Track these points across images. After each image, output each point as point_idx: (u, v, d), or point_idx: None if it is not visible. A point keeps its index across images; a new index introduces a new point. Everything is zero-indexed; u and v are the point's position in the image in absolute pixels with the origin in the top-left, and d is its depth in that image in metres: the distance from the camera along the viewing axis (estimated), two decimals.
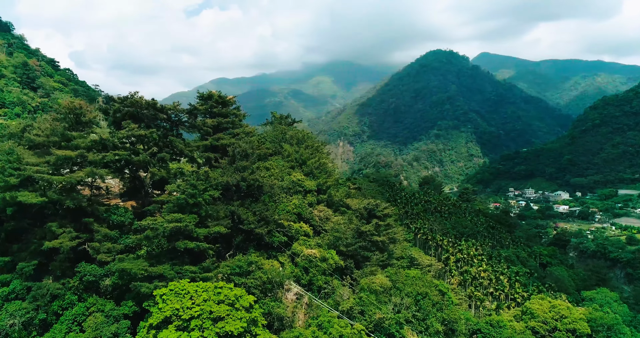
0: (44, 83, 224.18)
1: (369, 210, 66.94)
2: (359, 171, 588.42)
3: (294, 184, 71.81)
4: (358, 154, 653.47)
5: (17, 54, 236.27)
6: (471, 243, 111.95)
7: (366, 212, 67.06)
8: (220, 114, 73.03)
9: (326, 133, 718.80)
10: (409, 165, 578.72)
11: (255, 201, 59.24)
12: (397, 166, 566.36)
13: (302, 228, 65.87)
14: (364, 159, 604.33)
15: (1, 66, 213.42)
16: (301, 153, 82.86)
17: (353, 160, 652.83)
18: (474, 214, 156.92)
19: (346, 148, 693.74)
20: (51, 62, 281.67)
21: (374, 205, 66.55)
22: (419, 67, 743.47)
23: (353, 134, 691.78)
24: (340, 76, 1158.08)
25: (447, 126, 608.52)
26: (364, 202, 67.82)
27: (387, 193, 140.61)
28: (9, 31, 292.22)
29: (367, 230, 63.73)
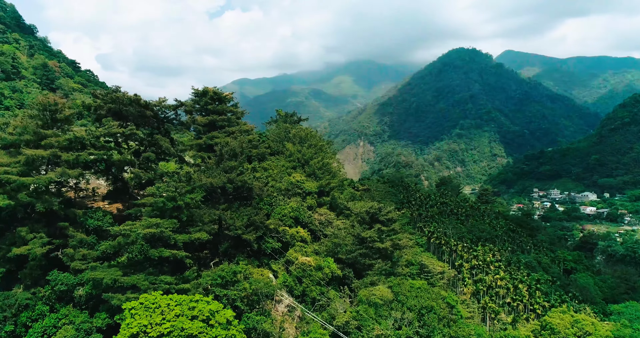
0: (63, 84, 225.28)
1: (371, 214, 61.50)
2: (379, 170, 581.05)
3: (292, 186, 66.89)
4: (378, 154, 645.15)
5: (37, 55, 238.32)
6: (488, 248, 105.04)
7: (368, 216, 61.62)
8: (215, 111, 68.84)
9: (346, 133, 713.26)
10: (430, 165, 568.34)
11: (246, 205, 54.58)
12: (418, 166, 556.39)
13: (299, 234, 60.93)
14: (384, 159, 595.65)
15: (22, 67, 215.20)
16: (304, 153, 77.89)
17: (373, 160, 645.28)
18: (493, 216, 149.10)
19: (367, 148, 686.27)
20: (72, 64, 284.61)
21: (377, 209, 61.06)
22: (440, 65, 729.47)
23: (373, 134, 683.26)
24: (361, 76, 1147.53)
25: (469, 125, 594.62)
26: (367, 205, 62.38)
27: (401, 194, 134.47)
28: (32, 34, 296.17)
29: (368, 236, 58.31)
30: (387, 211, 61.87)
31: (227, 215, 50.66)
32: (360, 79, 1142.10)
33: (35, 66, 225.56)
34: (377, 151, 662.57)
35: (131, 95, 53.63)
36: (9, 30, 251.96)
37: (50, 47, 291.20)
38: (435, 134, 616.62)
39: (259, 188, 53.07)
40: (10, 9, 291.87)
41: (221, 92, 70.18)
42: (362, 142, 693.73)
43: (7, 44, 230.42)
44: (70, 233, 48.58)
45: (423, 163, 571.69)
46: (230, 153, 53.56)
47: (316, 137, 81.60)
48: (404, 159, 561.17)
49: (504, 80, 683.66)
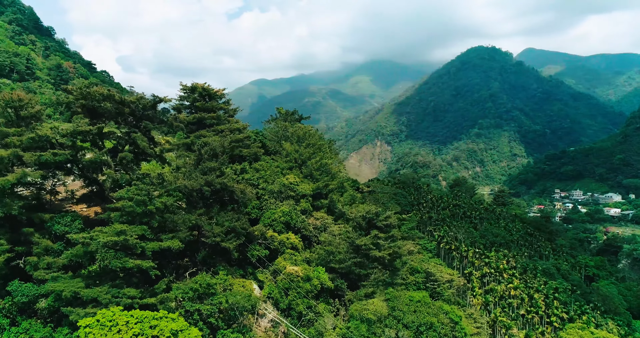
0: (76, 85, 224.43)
1: (368, 220, 56.09)
2: (396, 171, 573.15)
3: (285, 188, 61.92)
4: (396, 154, 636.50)
5: (52, 56, 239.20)
6: (502, 254, 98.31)
7: (364, 222, 56.23)
8: (204, 108, 64.39)
9: (363, 133, 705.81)
10: (448, 165, 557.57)
11: (228, 210, 49.85)
12: (436, 166, 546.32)
13: (289, 240, 55.95)
14: (401, 159, 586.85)
15: (36, 68, 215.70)
16: (301, 152, 72.87)
17: (390, 160, 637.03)
18: (509, 220, 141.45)
19: (384, 148, 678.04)
20: (88, 65, 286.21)
21: (373, 214, 55.60)
22: (459, 64, 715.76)
23: (391, 134, 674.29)
24: (379, 75, 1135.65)
25: (488, 124, 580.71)
26: (364, 210, 56.98)
27: (412, 195, 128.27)
28: (50, 35, 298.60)
29: (363, 244, 52.92)
30: (385, 216, 56.36)
31: (205, 221, 45.99)
32: (378, 78, 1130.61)
33: (49, 67, 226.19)
34: (394, 151, 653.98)
35: (105, 90, 49.34)
36: (27, 32, 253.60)
37: (67, 49, 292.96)
38: (453, 134, 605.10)
39: (240, 191, 48.22)
40: (29, 11, 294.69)
41: (211, 89, 65.76)
42: (379, 142, 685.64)
43: (23, 45, 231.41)
44: (35, 239, 44.56)
45: (441, 163, 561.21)
46: (210, 153, 48.91)
47: (315, 136, 76.46)
48: (421, 159, 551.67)
49: (524, 78, 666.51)
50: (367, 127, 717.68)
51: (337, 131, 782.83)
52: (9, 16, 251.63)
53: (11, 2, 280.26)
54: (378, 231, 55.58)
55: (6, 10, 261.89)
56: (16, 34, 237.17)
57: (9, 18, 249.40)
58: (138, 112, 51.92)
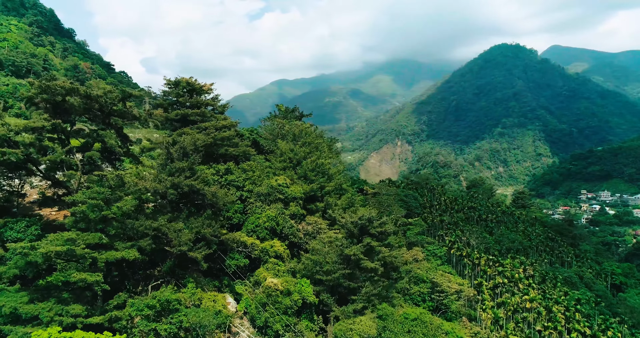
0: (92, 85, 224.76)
1: (360, 226, 50.05)
2: (416, 171, 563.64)
3: (273, 190, 56.44)
4: (416, 153, 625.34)
5: (70, 57, 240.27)
6: (519, 261, 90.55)
7: (356, 229, 50.21)
8: (187, 104, 59.46)
9: (384, 132, 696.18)
10: (470, 165, 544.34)
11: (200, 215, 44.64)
12: (457, 166, 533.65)
13: (273, 248, 50.41)
14: (422, 159, 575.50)
15: (54, 69, 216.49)
16: (296, 152, 67.30)
17: (411, 160, 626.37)
18: (528, 223, 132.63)
19: (404, 148, 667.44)
20: (107, 66, 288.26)
21: (366, 220, 49.52)
22: (482, 62, 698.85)
23: (411, 134, 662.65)
24: (400, 75, 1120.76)
25: (512, 123, 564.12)
26: (357, 215, 50.97)
27: (425, 197, 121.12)
28: (70, 37, 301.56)
29: (352, 254, 46.93)
30: (379, 222, 50.21)
31: (170, 228, 40.80)
32: (399, 78, 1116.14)
33: (66, 67, 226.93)
34: (415, 150, 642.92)
35: (67, 83, 44.74)
36: (47, 33, 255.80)
37: (87, 50, 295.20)
38: (475, 134, 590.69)
39: (211, 194, 42.88)
40: (50, 13, 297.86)
41: (196, 83, 60.84)
42: (400, 141, 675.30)
43: (42, 46, 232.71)
44: None
45: (462, 163, 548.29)
46: (180, 152, 43.78)
47: (312, 134, 70.74)
48: (442, 159, 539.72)
49: (549, 76, 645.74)
50: (388, 126, 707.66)
51: (357, 131, 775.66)
52: (30, 18, 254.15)
53: (32, 5, 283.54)
54: (372, 239, 49.53)
55: (27, 13, 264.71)
56: (35, 35, 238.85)
57: (30, 20, 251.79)
58: (106, 107, 47.18)
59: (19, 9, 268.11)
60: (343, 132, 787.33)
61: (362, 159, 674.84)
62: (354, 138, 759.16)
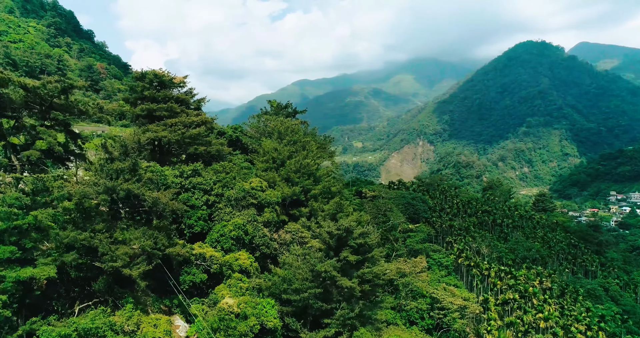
0: (106, 85, 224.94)
1: (338, 237, 42.79)
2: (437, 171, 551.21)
3: (245, 194, 49.68)
4: (438, 153, 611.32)
5: (85, 58, 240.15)
6: (535, 271, 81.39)
7: (333, 240, 42.96)
8: (154, 98, 53.24)
9: (405, 132, 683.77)
10: (493, 165, 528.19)
11: (145, 223, 38.24)
12: (480, 166, 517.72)
13: (238, 261, 43.60)
14: (443, 159, 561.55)
15: (68, 69, 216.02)
16: (280, 151, 60.48)
17: (433, 160, 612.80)
18: (548, 228, 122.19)
19: (426, 147, 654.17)
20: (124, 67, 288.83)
21: (344, 230, 42.22)
22: (506, 60, 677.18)
23: (433, 133, 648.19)
24: (422, 74, 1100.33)
25: (537, 122, 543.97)
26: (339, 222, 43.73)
27: (435, 199, 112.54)
28: (89, 38, 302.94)
29: (323, 271, 39.69)
30: (360, 232, 42.81)
31: (103, 240, 34.47)
32: (421, 77, 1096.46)
33: (81, 68, 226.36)
34: (437, 150, 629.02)
35: None
36: (65, 34, 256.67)
37: (105, 51, 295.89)
38: (499, 133, 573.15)
39: (152, 200, 36.36)
40: (69, 15, 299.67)
41: (165, 75, 54.58)
42: (422, 141, 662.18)
43: (58, 47, 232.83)
44: None
45: (486, 163, 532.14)
46: (121, 151, 37.45)
47: (299, 132, 63.69)
48: (464, 159, 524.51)
49: (577, 74, 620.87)
50: (409, 126, 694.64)
51: (378, 131, 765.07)
52: (48, 20, 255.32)
53: (52, 7, 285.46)
54: (350, 252, 42.25)
55: (45, 15, 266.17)
56: (52, 36, 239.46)
57: (48, 22, 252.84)
58: (46, 100, 41.25)
59: (39, 11, 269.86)
60: (364, 132, 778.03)
61: (383, 159, 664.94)
62: (375, 137, 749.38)
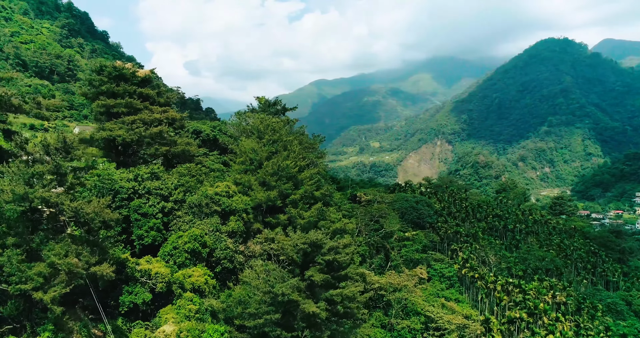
0: None
1: (304, 252, 36.42)
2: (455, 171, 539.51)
3: (208, 200, 43.72)
4: (457, 153, 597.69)
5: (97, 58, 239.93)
6: (547, 284, 73.28)
7: (298, 255, 36.60)
8: (114, 93, 47.75)
9: (423, 132, 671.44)
10: (513, 165, 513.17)
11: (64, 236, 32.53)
12: (499, 166, 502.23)
13: (190, 279, 37.65)
14: (461, 159, 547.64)
15: (79, 70, 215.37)
16: (258, 152, 54.37)
17: (451, 160, 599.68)
18: (566, 234, 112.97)
19: (444, 147, 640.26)
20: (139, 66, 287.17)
21: (310, 244, 35.81)
22: (527, 58, 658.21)
23: (452, 133, 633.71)
24: (441, 73, 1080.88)
25: (559, 121, 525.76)
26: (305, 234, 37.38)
27: (443, 203, 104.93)
28: (103, 39, 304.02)
29: (281, 294, 33.34)
30: (329, 246, 36.35)
31: (12, 257, 28.87)
32: (440, 76, 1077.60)
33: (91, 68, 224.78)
34: (455, 150, 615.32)
35: None
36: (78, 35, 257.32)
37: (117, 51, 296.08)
38: (519, 132, 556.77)
39: (72, 210, 30.57)
40: (84, 16, 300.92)
41: (125, 68, 49.07)
42: (440, 141, 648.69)
43: (70, 48, 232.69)
44: None
45: (505, 163, 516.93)
46: (43, 152, 31.85)
47: (281, 130, 57.39)
48: (483, 159, 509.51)
49: (601, 71, 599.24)
50: (427, 126, 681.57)
51: (396, 130, 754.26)
52: (62, 21, 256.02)
53: (67, 8, 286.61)
54: (319, 270, 35.83)
55: (60, 16, 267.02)
56: (64, 37, 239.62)
57: (62, 23, 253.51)
58: None
59: (53, 13, 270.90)
60: (381, 131, 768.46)
61: (400, 159, 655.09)
62: (393, 137, 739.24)
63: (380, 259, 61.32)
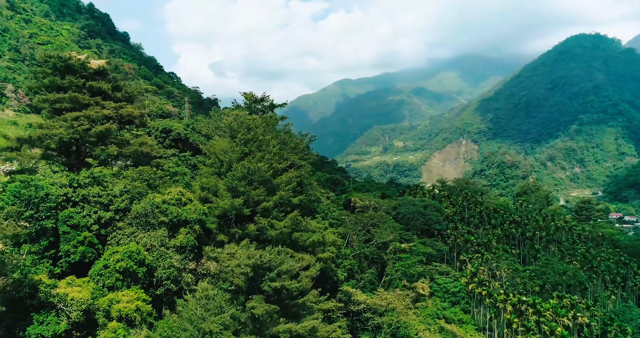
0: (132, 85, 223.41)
1: (247, 277, 29.41)
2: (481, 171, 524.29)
3: (154, 209, 37.24)
4: (482, 153, 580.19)
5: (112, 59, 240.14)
6: (569, 301, 63.68)
7: (242, 280, 29.63)
8: (60, 87, 41.89)
9: (448, 131, 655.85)
10: (541, 165, 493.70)
11: None
12: (526, 166, 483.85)
13: (118, 305, 31.20)
14: (487, 159, 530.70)
15: None
16: (228, 153, 47.69)
17: (477, 160, 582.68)
18: (592, 243, 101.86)
19: (469, 147, 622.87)
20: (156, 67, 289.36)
21: (254, 266, 28.77)
22: (556, 54, 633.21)
23: (477, 132, 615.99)
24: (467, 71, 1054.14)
25: (590, 120, 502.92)
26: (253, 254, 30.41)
27: (456, 207, 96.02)
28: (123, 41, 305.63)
29: (209, 331, 26.37)
30: (280, 270, 29.25)
31: None
32: (465, 74, 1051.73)
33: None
34: (481, 150, 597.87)
35: None
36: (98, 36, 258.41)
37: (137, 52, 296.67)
38: (548, 131, 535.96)
39: None
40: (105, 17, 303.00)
41: (74, 59, 43.07)
42: (465, 140, 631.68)
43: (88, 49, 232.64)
44: None
45: (533, 163, 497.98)
46: None
47: (257, 129, 50.43)
48: (509, 158, 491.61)
49: (636, 67, 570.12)
50: (452, 125, 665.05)
51: (420, 130, 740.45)
52: (82, 23, 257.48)
53: (88, 10, 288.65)
54: (265, 299, 28.77)
55: (80, 17, 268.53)
56: (82, 38, 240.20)
57: (82, 24, 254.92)
58: None
59: (74, 14, 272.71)
60: (405, 131, 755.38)
61: (424, 159, 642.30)
62: (417, 136, 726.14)
63: (372, 274, 53.72)
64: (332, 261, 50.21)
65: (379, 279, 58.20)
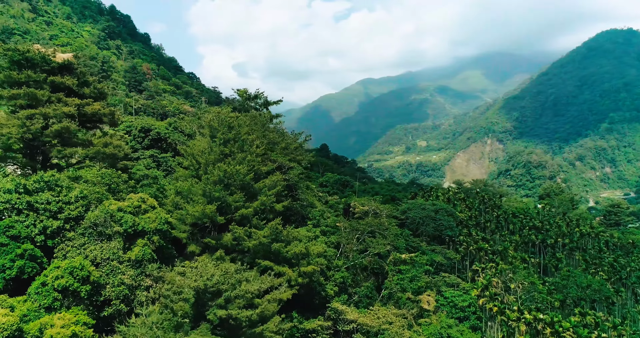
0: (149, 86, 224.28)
1: (195, 303, 24.57)
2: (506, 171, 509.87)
3: (108, 218, 32.88)
4: (508, 152, 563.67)
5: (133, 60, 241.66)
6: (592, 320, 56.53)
7: (188, 305, 24.83)
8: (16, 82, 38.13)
9: (472, 130, 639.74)
10: (569, 165, 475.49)
11: None
12: (554, 166, 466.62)
13: (51, 330, 26.91)
14: (512, 159, 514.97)
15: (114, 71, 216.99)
16: (206, 154, 43.15)
17: (502, 159, 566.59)
18: (621, 251, 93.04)
19: (494, 146, 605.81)
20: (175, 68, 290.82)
21: (197, 290, 23.94)
22: (586, 51, 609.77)
23: (503, 131, 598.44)
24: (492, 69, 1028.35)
25: (622, 118, 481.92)
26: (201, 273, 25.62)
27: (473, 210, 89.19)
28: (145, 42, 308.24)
29: None
30: (229, 296, 24.33)
31: None
32: (491, 72, 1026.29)
33: (125, 68, 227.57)
34: (507, 149, 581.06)
35: None
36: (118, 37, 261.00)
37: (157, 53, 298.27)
38: (577, 130, 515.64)
39: None
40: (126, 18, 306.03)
41: (29, 51, 39.16)
42: (490, 140, 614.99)
43: (107, 50, 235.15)
44: None
45: (561, 162, 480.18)
46: None
47: (241, 128, 45.66)
48: (536, 158, 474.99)
49: None
50: (477, 124, 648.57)
51: (443, 129, 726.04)
52: (103, 24, 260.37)
53: (109, 11, 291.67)
54: (211, 328, 23.92)
55: (101, 19, 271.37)
56: (101, 39, 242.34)
57: (102, 26, 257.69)
58: None
59: (96, 16, 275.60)
60: (429, 130, 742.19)
61: (448, 159, 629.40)
62: (440, 136, 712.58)
63: (368, 288, 48.27)
64: (322, 274, 45.15)
65: (379, 292, 52.67)
